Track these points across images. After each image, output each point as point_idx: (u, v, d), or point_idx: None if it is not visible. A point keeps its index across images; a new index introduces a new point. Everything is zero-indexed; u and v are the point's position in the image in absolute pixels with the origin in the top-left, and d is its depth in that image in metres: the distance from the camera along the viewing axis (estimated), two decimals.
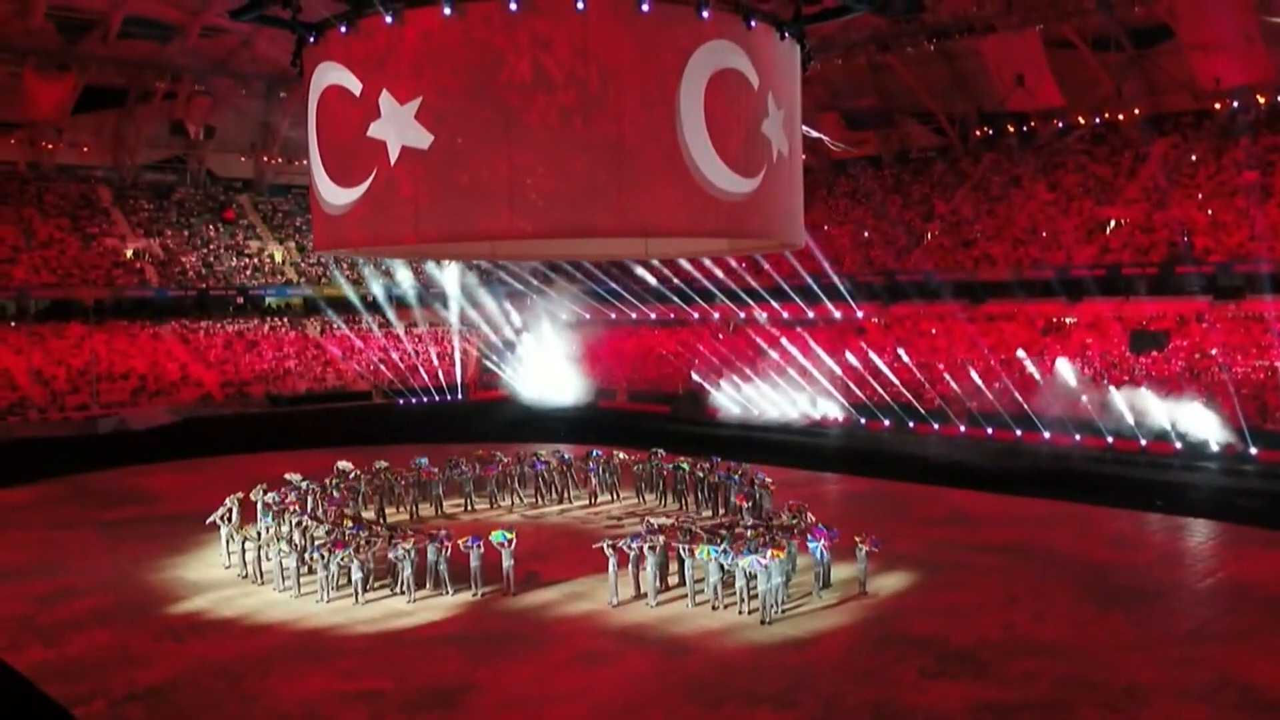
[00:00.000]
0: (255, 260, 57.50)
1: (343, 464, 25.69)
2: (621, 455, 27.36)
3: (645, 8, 18.08)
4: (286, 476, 24.13)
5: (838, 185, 60.35)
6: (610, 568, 17.87)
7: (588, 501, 26.24)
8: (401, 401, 49.59)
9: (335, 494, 24.00)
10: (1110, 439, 34.01)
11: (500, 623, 17.06)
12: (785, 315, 52.22)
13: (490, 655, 15.55)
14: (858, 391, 41.80)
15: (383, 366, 51.11)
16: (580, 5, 17.82)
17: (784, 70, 20.43)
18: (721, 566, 17.53)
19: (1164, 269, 43.62)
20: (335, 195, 19.67)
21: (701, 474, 25.03)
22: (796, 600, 17.89)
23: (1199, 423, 32.56)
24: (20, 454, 36.36)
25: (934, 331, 47.99)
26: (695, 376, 46.44)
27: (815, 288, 49.74)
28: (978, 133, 55.68)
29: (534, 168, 18.03)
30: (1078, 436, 34.67)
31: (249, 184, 61.60)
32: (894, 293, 51.23)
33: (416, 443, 35.81)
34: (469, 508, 25.64)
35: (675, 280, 52.88)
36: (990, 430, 36.82)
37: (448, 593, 18.52)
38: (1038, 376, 37.78)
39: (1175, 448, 32.51)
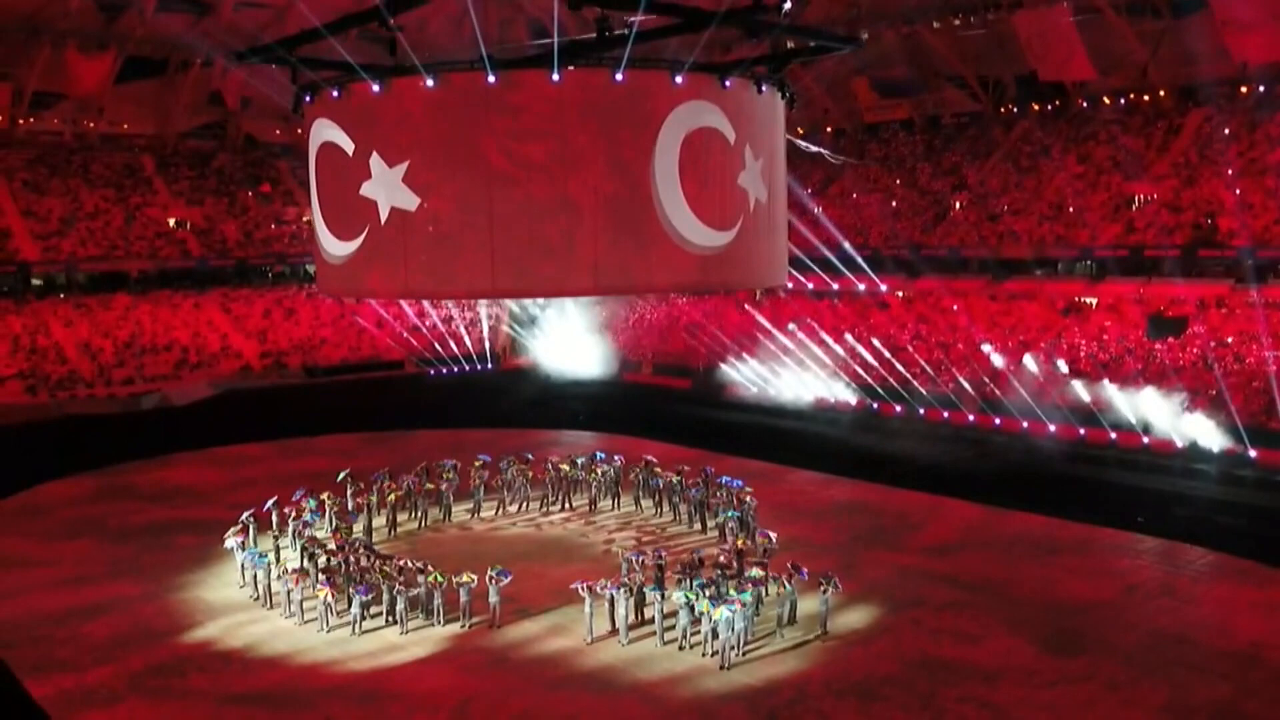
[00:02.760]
0: (294, 227, 59.02)
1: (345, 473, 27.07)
2: (619, 459, 28.65)
3: (619, 78, 18.75)
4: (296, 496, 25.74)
5: (869, 150, 60.19)
6: (586, 607, 19.14)
7: (589, 507, 27.58)
8: (433, 371, 51.18)
9: (350, 505, 25.66)
10: (1114, 434, 34.48)
11: (477, 665, 18.34)
12: (810, 286, 52.73)
13: (456, 704, 16.88)
14: (870, 374, 42.20)
15: (411, 339, 52.65)
16: (555, 77, 18.55)
17: (763, 120, 20.95)
18: (691, 609, 18.73)
19: (1187, 252, 43.46)
20: (334, 246, 20.74)
21: (696, 492, 26.09)
22: (761, 638, 19.04)
23: (1200, 425, 32.87)
24: (68, 434, 38.61)
25: (955, 309, 48.26)
26: (717, 360, 47.11)
27: (836, 262, 50.08)
28: (1006, 108, 55.37)
29: (514, 232, 18.91)
30: (1082, 430, 35.20)
31: (287, 149, 62.86)
32: (918, 267, 51.49)
33: (443, 427, 37.60)
34: (477, 514, 27.09)
35: None
36: (998, 420, 37.39)
37: (439, 624, 19.97)
38: (1036, 371, 38.11)
39: (1176, 446, 32.91)
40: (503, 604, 20.04)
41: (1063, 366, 38.39)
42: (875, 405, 40.91)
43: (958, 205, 52.93)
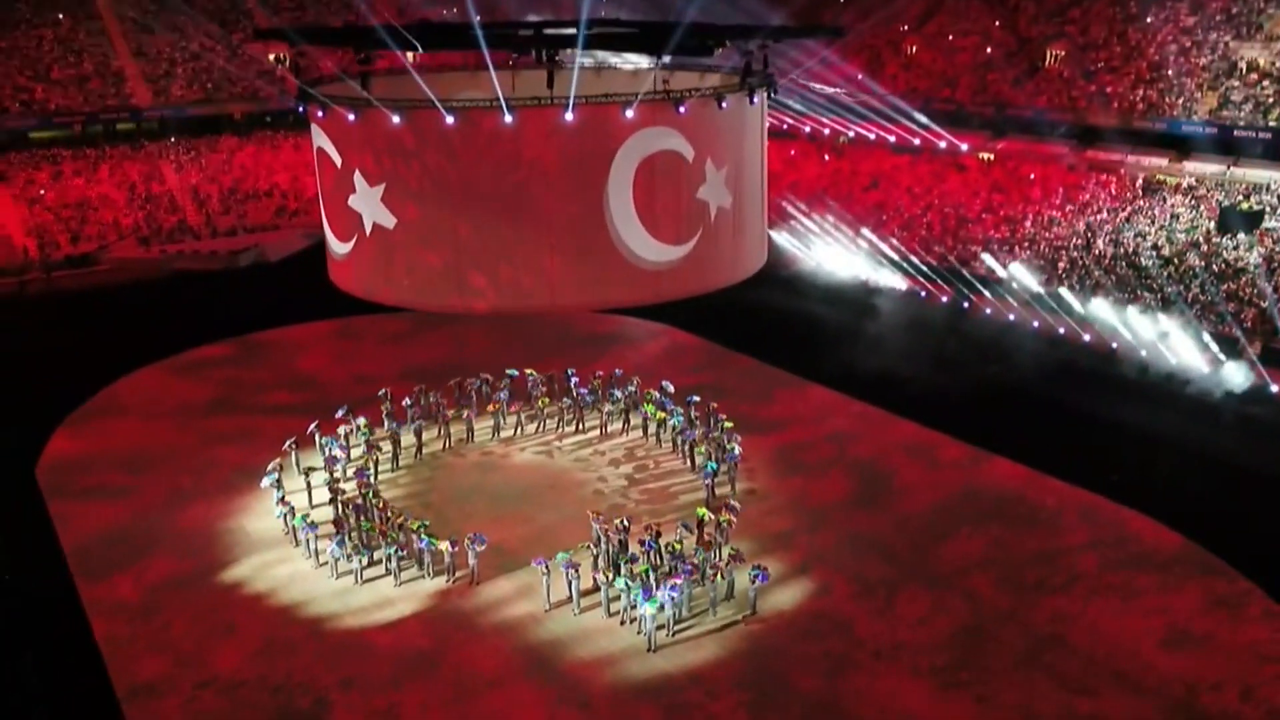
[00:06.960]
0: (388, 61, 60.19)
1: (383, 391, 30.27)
2: (636, 380, 30.85)
3: (569, 117, 19.65)
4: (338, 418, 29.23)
5: None
6: (544, 580, 21.99)
7: (600, 431, 30.07)
8: None
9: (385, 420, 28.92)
10: (1144, 351, 34.44)
11: (446, 629, 21.46)
12: (892, 140, 51.88)
13: (412, 672, 20.02)
14: (928, 252, 42.19)
15: None
16: (508, 119, 19.59)
17: (727, 128, 21.58)
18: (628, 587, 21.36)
19: (1278, 134, 41.13)
20: (335, 244, 22.91)
21: (688, 433, 28.18)
22: (696, 613, 21.58)
23: (1229, 363, 32.58)
24: (171, 296, 43.00)
25: (1032, 177, 47.16)
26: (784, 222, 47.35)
27: (911, 121, 48.96)
28: None
29: (477, 257, 20.67)
30: (1114, 345, 35.27)
31: None
32: (1002, 126, 49.93)
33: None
34: (496, 435, 30.01)
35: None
36: (1036, 324, 37.41)
37: (429, 576, 23.26)
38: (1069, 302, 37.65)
39: (1199, 374, 32.76)
40: (484, 557, 23.05)
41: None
42: (923, 293, 41.27)
43: (1052, 58, 50.29)
